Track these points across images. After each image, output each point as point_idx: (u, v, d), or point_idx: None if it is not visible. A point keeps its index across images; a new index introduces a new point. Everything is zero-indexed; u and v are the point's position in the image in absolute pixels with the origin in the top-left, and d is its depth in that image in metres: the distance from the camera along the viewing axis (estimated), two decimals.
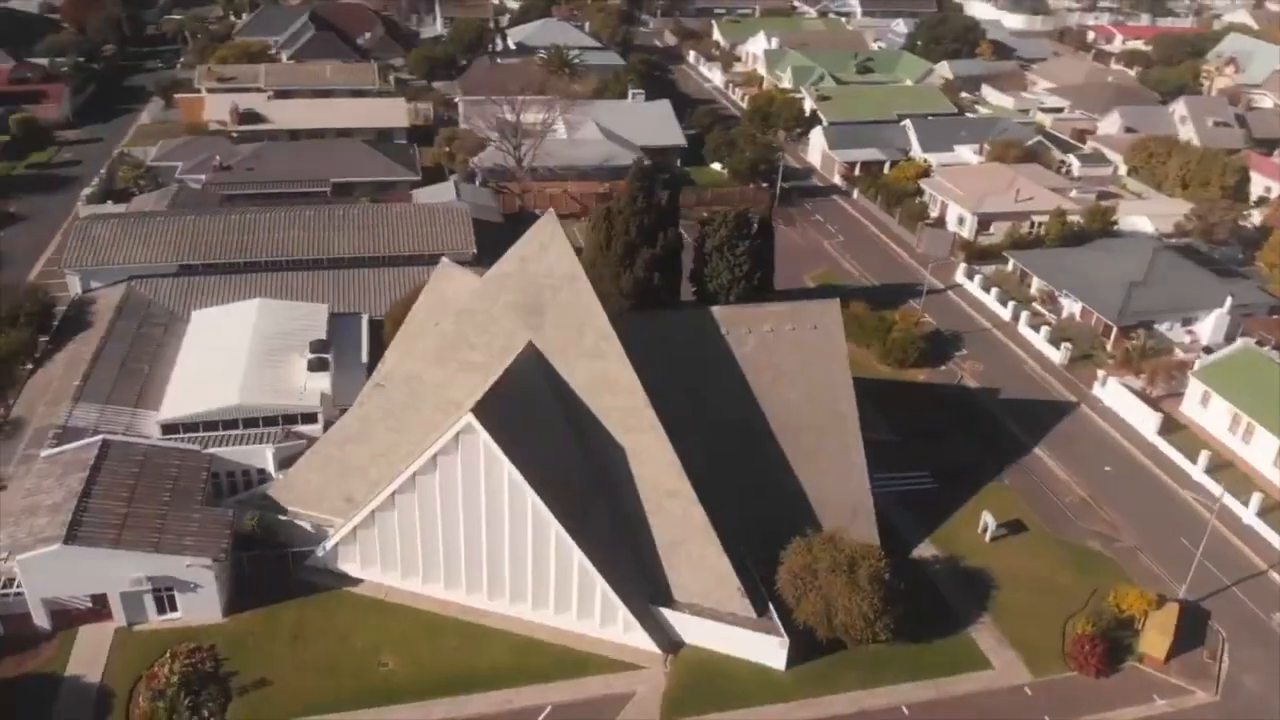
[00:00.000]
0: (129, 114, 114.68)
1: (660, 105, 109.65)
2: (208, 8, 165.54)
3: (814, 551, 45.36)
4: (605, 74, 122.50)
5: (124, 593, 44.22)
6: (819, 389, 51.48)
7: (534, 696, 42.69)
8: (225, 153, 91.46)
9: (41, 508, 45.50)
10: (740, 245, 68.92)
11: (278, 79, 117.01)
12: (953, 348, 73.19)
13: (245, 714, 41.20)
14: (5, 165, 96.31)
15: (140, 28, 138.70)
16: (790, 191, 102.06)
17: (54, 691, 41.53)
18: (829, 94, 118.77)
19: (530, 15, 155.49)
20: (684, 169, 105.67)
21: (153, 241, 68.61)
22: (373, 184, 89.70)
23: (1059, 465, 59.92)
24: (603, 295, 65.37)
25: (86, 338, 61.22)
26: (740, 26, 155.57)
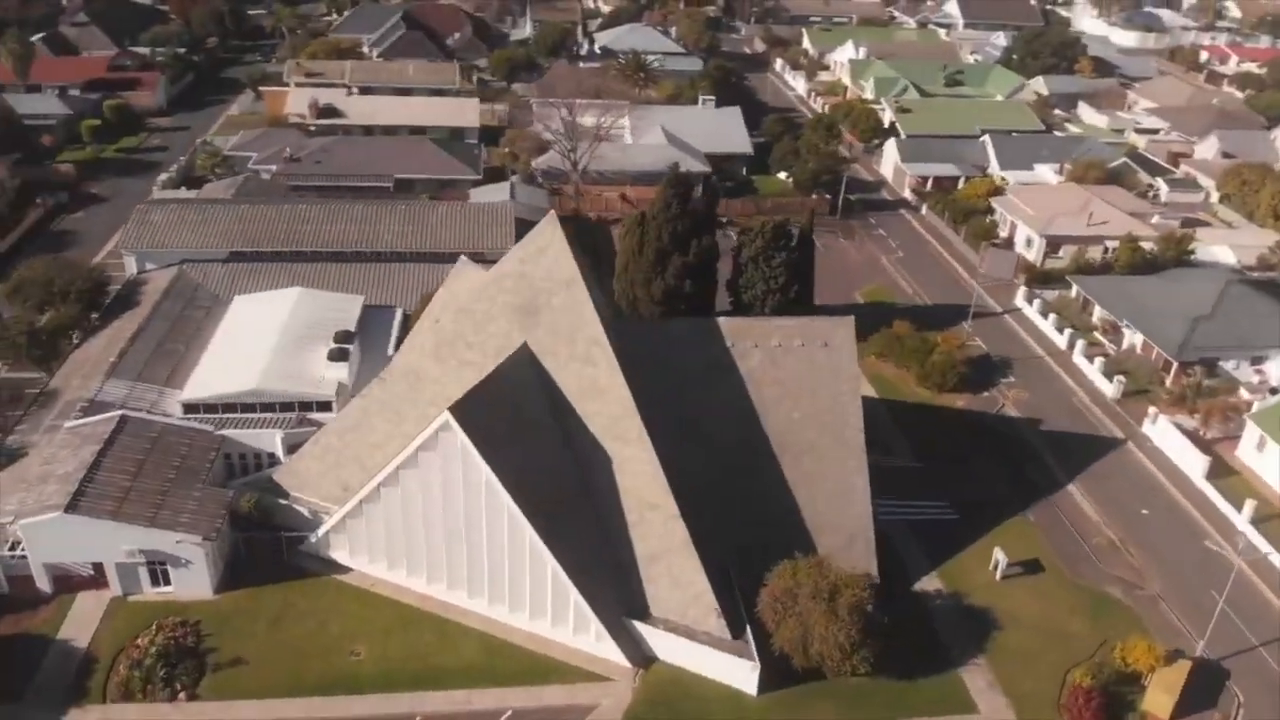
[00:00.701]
0: (221, 104, 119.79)
1: (730, 112, 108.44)
2: (313, 4, 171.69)
3: (798, 575, 43.89)
4: (682, 79, 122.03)
5: (119, 563, 45.90)
6: (825, 409, 49.79)
7: (495, 699, 42.46)
8: (296, 145, 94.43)
9: (53, 476, 47.57)
10: (777, 257, 67.45)
11: (362, 75, 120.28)
12: (999, 374, 70.04)
13: (215, 690, 42.19)
14: (95, 148, 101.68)
15: (242, 22, 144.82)
16: (856, 204, 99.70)
17: (44, 652, 43.30)
18: (909, 106, 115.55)
19: (621, 20, 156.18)
20: (749, 177, 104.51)
21: (207, 227, 71.25)
22: (434, 181, 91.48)
23: (1092, 504, 56.60)
24: (633, 301, 67.04)
25: (132, 316, 63.86)
26: (830, 35, 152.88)
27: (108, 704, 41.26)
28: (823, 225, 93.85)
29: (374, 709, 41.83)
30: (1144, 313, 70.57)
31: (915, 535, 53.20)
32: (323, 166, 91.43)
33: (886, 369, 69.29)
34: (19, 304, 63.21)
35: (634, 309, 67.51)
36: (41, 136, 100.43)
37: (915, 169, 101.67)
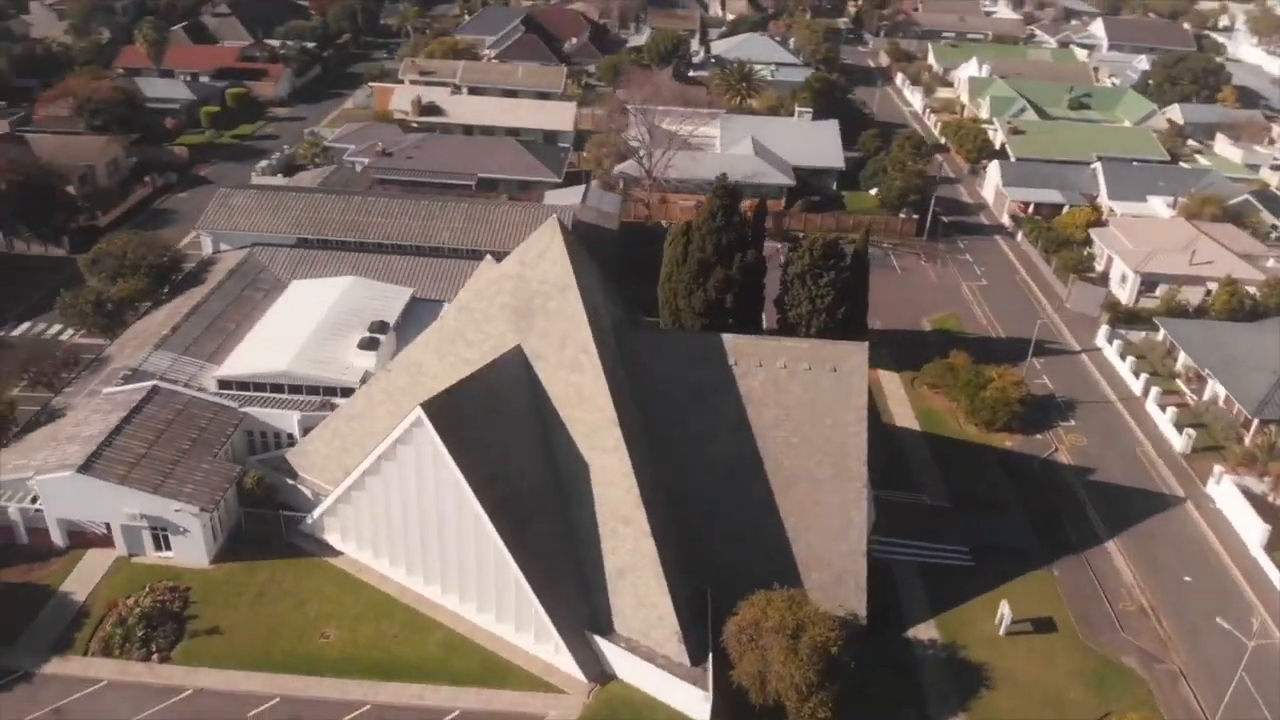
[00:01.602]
0: (339, 98, 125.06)
1: (827, 125, 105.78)
2: (448, 5, 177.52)
3: (767, 608, 42.10)
4: (785, 91, 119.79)
5: (124, 525, 48.27)
6: (826, 437, 47.64)
7: (447, 697, 42.43)
8: (391, 140, 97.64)
9: (79, 437, 50.51)
10: (825, 275, 65.20)
11: (472, 76, 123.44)
12: (1059, 416, 65.54)
13: (186, 655, 43.75)
14: (213, 134, 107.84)
15: (373, 20, 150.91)
16: (948, 226, 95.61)
17: (44, 601, 45.90)
18: (1023, 127, 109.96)
19: (741, 29, 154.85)
20: (839, 192, 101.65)
21: (278, 214, 74.38)
22: (516, 182, 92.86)
23: (1130, 565, 52.17)
24: (675, 311, 66.06)
25: (197, 293, 67.31)
26: (957, 51, 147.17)
27: (88, 656, 43.36)
28: (906, 246, 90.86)
29: (328, 692, 42.46)
30: (1230, 363, 64.64)
31: (924, 579, 50.33)
32: (412, 162, 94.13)
33: (937, 401, 65.94)
34: (96, 274, 67.49)
35: (676, 319, 66.65)
36: (165, 119, 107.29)
37: (1016, 193, 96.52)
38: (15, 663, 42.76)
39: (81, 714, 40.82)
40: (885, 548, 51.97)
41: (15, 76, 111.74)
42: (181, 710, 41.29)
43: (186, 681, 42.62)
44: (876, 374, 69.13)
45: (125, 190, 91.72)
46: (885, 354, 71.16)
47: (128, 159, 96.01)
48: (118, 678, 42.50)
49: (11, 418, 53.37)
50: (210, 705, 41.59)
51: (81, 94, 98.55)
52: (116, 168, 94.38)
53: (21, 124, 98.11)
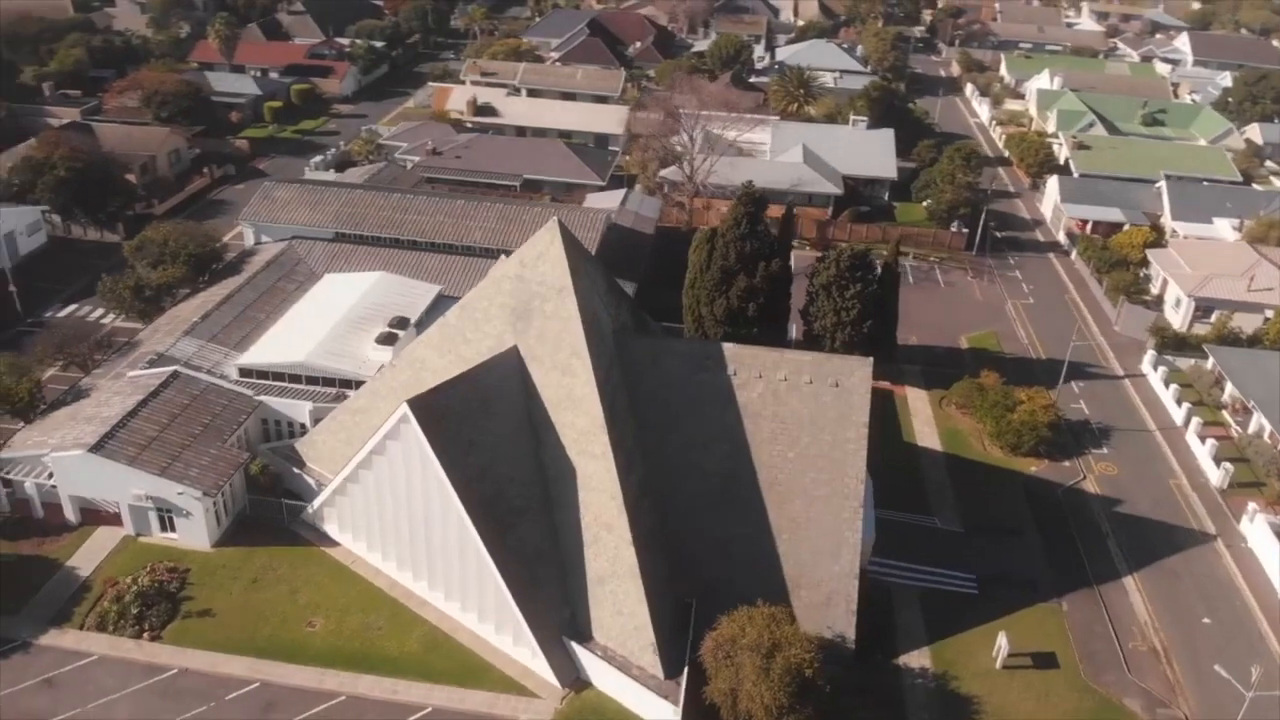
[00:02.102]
0: (402, 97, 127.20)
1: (882, 134, 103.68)
2: (520, 8, 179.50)
3: (746, 624, 41.22)
4: (844, 98, 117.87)
5: (132, 505, 49.67)
6: (823, 453, 46.44)
7: (420, 694, 42.55)
8: (441, 139, 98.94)
9: (97, 418, 52.18)
10: (851, 288, 63.90)
11: (532, 78, 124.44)
12: (1091, 443, 62.95)
13: (176, 635, 44.74)
14: (275, 128, 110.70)
15: (444, 20, 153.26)
16: (1001, 241, 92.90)
17: (50, 574, 47.47)
18: (1089, 142, 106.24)
19: (809, 35, 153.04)
20: (891, 203, 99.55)
21: (318, 208, 75.92)
22: (560, 184, 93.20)
23: (1147, 602, 49.75)
24: (698, 318, 65.43)
25: (232, 283, 69.02)
26: (1030, 63, 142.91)
27: (83, 630, 44.66)
28: (954, 261, 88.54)
29: (306, 681, 42.94)
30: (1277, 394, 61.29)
31: (924, 605, 48.76)
32: (460, 162, 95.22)
33: (963, 422, 63.94)
34: (139, 261, 69.70)
35: (699, 326, 66.03)
36: (230, 113, 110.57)
37: (1074, 210, 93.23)
38: (15, 632, 44.29)
39: (70, 685, 42.04)
40: (887, 570, 50.60)
41: (93, 67, 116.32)
42: (164, 688, 42.22)
43: (173, 660, 43.58)
44: (904, 391, 67.50)
45: (184, 181, 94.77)
46: (916, 371, 69.46)
47: (190, 150, 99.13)
48: (109, 653, 43.69)
49: (39, 396, 55.38)
50: (191, 685, 42.44)
51: (149, 86, 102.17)
52: (178, 158, 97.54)
53: (92, 113, 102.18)
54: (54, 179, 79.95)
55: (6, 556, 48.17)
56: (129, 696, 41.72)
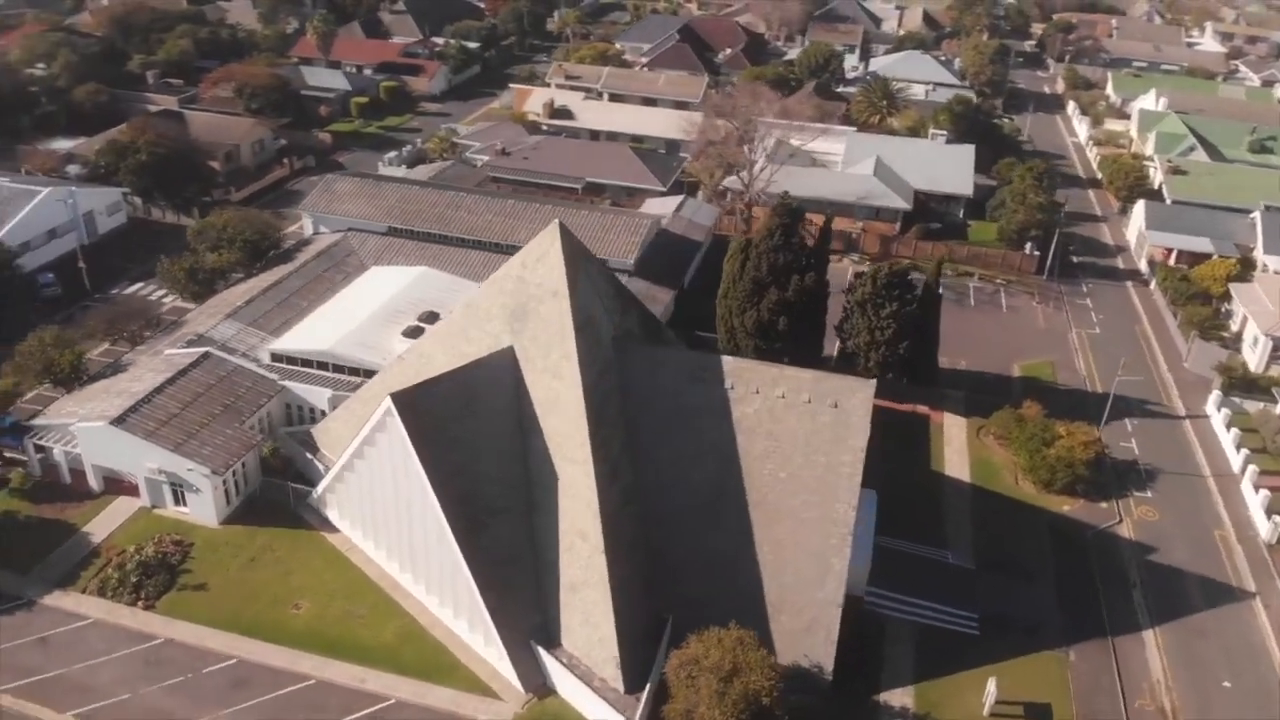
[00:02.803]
0: (489, 97, 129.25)
1: (961, 150, 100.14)
2: (620, 13, 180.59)
3: (711, 646, 40.18)
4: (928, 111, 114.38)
5: (147, 478, 51.74)
6: (816, 475, 44.89)
7: (386, 685, 42.94)
8: (512, 140, 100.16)
9: (127, 392, 54.57)
10: (888, 306, 61.85)
11: (614, 82, 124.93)
12: (1134, 484, 59.23)
13: (168, 606, 46.34)
14: (361, 123, 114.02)
15: (540, 23, 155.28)
16: (1076, 266, 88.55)
17: (63, 538, 49.85)
18: (1187, 167, 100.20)
19: (907, 46, 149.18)
20: (966, 221, 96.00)
21: (374, 202, 77.76)
22: (621, 188, 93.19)
23: (1164, 659, 46.44)
24: (731, 329, 64.33)
25: (282, 270, 71.33)
26: (1137, 82, 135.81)
27: (84, 594, 46.72)
28: (1022, 284, 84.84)
29: (281, 661, 43.84)
30: None
31: (917, 641, 46.70)
32: (527, 163, 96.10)
33: (999, 453, 61.04)
34: (200, 244, 72.71)
35: (731, 337, 64.93)
36: (319, 107, 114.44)
37: (1158, 238, 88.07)
38: (22, 591, 46.63)
39: (62, 646, 44.00)
40: (884, 601, 48.68)
41: (199, 58, 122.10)
42: (147, 656, 43.77)
43: (161, 630, 45.15)
44: (941, 417, 64.89)
45: (265, 170, 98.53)
46: (959, 397, 66.63)
47: (274, 141, 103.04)
48: (103, 617, 45.55)
49: (82, 368, 58.24)
50: (173, 655, 43.87)
51: (240, 78, 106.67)
52: (262, 148, 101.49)
53: (189, 102, 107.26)
54: (136, 163, 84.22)
55: (28, 518, 50.88)
56: (114, 661, 43.41)
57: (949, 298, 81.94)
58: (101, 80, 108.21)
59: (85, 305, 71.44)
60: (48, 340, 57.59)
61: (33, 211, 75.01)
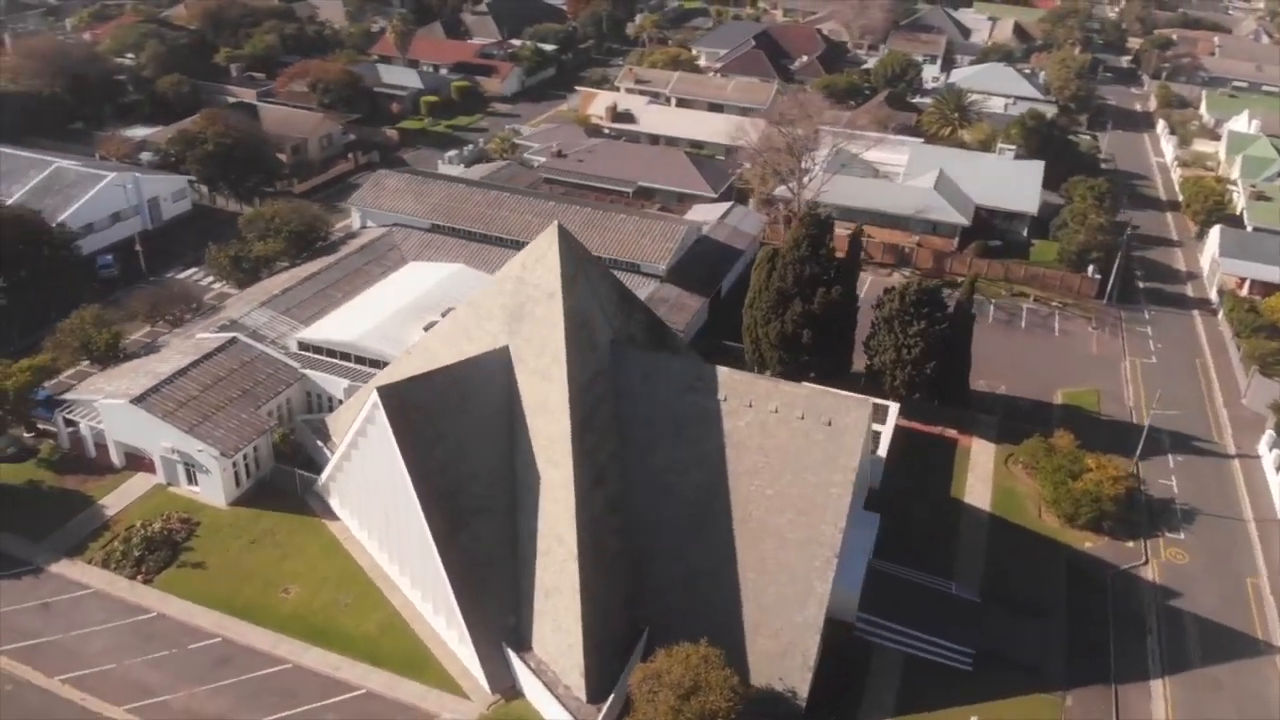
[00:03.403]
0: (559, 99, 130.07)
1: (1029, 166, 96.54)
2: (704, 19, 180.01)
3: (675, 661, 39.43)
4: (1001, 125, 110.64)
5: (163, 457, 53.49)
6: (804, 495, 43.62)
7: (359, 675, 43.42)
8: (570, 143, 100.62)
9: (153, 372, 56.48)
10: (915, 324, 59.96)
11: (683, 87, 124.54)
12: (1167, 524, 56.05)
13: (165, 582, 47.76)
14: (430, 121, 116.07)
15: (619, 27, 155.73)
16: (1141, 292, 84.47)
17: (79, 509, 51.93)
18: (1272, 194, 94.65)
19: (992, 58, 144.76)
20: (1030, 240, 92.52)
21: (420, 198, 79.01)
22: (672, 193, 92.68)
23: (1169, 712, 43.79)
24: (756, 340, 63.27)
25: (324, 261, 72.99)
26: (1233, 102, 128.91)
27: (89, 565, 48.51)
28: (1079, 308, 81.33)
29: (263, 643, 44.75)
30: None
31: (905, 673, 45.04)
32: (582, 165, 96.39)
33: (1025, 483, 58.51)
34: (249, 233, 74.96)
35: (756, 348, 63.90)
36: (391, 104, 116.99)
37: (1232, 265, 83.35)
38: (33, 557, 48.71)
39: (61, 612, 45.77)
40: (876, 629, 47.12)
41: (284, 53, 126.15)
42: (138, 629, 45.19)
43: (155, 605, 46.57)
44: (970, 442, 62.55)
45: (331, 164, 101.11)
46: (992, 422, 64.11)
47: (343, 136, 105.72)
48: (104, 588, 47.22)
49: (119, 347, 60.56)
50: (162, 630, 45.18)
51: (314, 74, 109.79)
52: (330, 142, 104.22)
53: (266, 95, 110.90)
54: (202, 152, 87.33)
55: (51, 488, 53.14)
56: (107, 631, 44.95)
57: (999, 318, 79.41)
58: (187, 72, 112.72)
59: (140, 287, 74.40)
60: (87, 319, 60.08)
61: (97, 195, 78.55)
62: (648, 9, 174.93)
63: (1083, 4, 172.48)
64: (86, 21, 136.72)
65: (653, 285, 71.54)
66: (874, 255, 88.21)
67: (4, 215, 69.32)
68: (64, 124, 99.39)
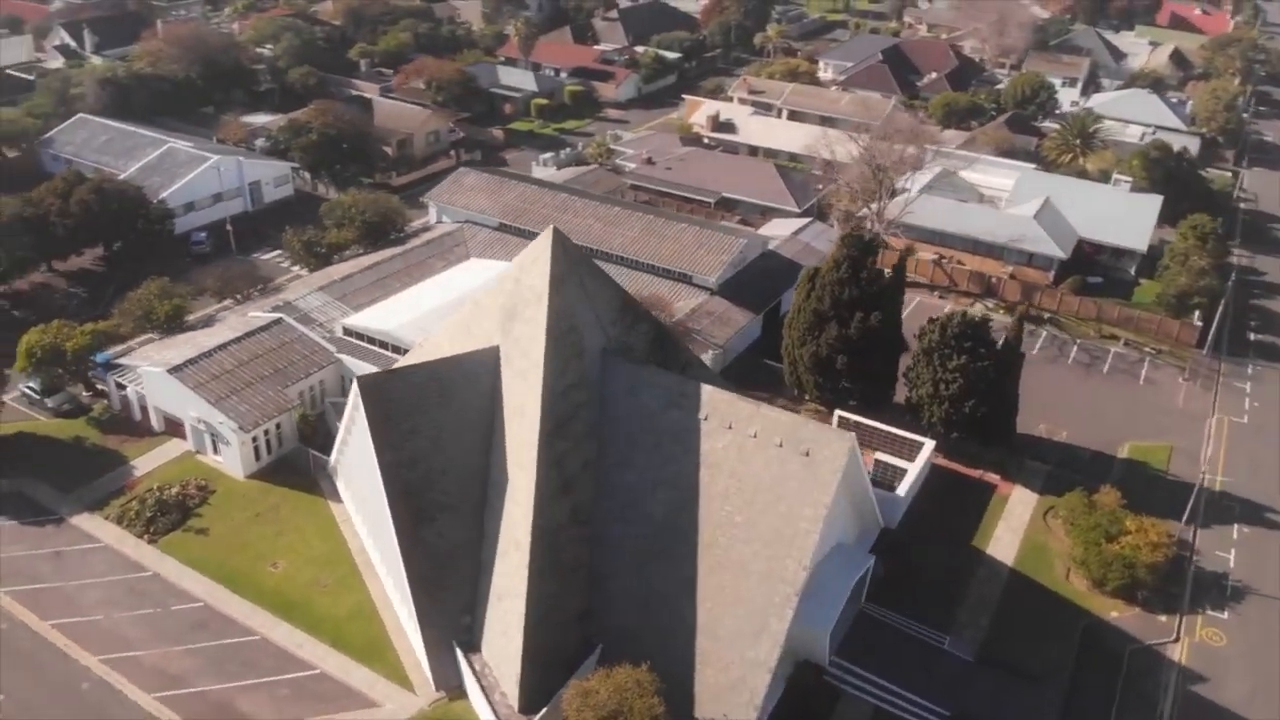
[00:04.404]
0: (672, 107, 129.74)
1: (1146, 200, 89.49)
2: (844, 30, 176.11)
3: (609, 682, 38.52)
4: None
5: (192, 425, 56.40)
6: (774, 528, 41.76)
7: (318, 655, 44.50)
8: (663, 151, 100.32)
9: (199, 344, 59.66)
10: (955, 359, 56.64)
11: (796, 100, 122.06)
12: (1212, 601, 50.73)
13: (168, 545, 50.28)
14: (540, 123, 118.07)
15: (747, 37, 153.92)
16: (1248, 343, 77.16)
17: (113, 466, 55.47)
18: None
19: (1139, 84, 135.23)
20: (1137, 279, 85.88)
21: (492, 198, 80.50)
22: (754, 205, 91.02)
23: None
24: (794, 360, 61.29)
25: (391, 252, 75.36)
26: None
27: (103, 520, 51.62)
28: (1174, 356, 74.91)
29: (239, 613, 46.48)
30: None
31: None
32: (669, 173, 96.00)
33: (1058, 540, 54.26)
34: (329, 220, 78.20)
35: (794, 368, 61.87)
36: (505, 105, 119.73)
37: None
38: (59, 508, 52.28)
39: (70, 562, 48.94)
40: (850, 676, 44.73)
41: (415, 51, 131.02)
42: (132, 585, 47.80)
43: (153, 565, 49.13)
44: (1010, 489, 58.57)
45: (433, 160, 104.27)
46: (1041, 471, 59.80)
47: (450, 133, 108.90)
48: (112, 544, 50.20)
49: (179, 318, 64.27)
50: (152, 589, 47.62)
51: (430, 72, 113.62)
52: (436, 139, 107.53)
53: (386, 91, 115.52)
54: (307, 141, 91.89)
55: (92, 445, 56.93)
56: (104, 584, 47.74)
57: (1079, 360, 74.11)
58: (320, 65, 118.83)
59: (224, 264, 78.76)
60: (153, 291, 64.09)
61: (199, 176, 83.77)
62: (785, 19, 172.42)
63: (1251, 33, 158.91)
64: (241, 12, 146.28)
65: (702, 297, 70.39)
66: (959, 283, 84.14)
67: (108, 189, 74.97)
68: (195, 107, 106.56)
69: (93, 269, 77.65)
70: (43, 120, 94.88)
